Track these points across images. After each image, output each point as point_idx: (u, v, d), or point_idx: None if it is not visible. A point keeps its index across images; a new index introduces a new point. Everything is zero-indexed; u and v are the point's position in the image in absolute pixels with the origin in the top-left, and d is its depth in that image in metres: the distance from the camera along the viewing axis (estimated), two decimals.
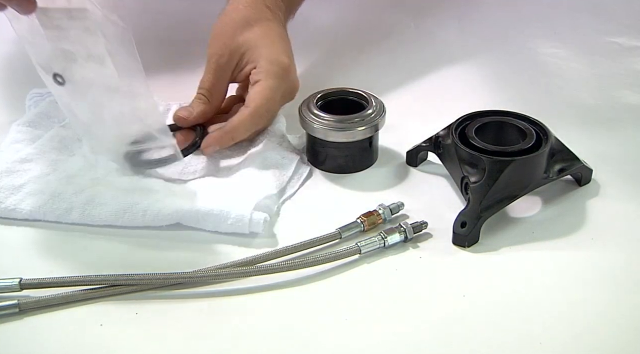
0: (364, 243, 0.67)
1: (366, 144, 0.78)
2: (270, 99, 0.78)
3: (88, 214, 0.70)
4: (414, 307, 0.62)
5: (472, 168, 0.71)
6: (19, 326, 0.61)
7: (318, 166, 0.79)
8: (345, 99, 0.81)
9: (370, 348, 0.59)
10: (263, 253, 0.66)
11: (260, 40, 0.80)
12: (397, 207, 0.71)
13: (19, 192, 0.73)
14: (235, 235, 0.69)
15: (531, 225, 0.71)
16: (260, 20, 0.82)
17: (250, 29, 0.81)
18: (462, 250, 0.68)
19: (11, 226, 0.71)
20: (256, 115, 0.77)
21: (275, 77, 0.78)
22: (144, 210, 0.70)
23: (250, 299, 0.63)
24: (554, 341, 0.59)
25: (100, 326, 0.61)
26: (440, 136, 0.77)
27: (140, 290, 0.64)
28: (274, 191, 0.73)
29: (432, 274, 0.66)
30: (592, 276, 0.65)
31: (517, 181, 0.70)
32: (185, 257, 0.67)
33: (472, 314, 0.61)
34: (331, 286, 0.64)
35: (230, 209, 0.69)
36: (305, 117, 0.77)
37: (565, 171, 0.73)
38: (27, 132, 0.81)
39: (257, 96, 0.77)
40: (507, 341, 0.59)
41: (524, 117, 0.75)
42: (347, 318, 0.61)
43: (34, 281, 0.63)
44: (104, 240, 0.70)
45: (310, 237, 0.68)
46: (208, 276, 0.64)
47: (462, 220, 0.68)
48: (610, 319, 0.61)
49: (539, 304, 0.62)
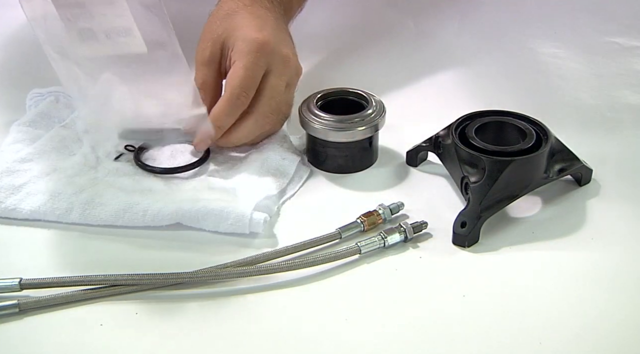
0: (364, 243, 0.67)
1: (366, 144, 0.78)
2: (245, 77, 0.74)
3: (88, 214, 0.70)
4: (414, 307, 0.62)
5: (472, 168, 0.71)
6: (19, 326, 0.61)
7: (318, 166, 0.79)
8: (345, 99, 0.81)
9: (370, 348, 0.59)
10: (263, 253, 0.66)
11: (237, 25, 0.77)
12: (397, 207, 0.71)
13: (19, 192, 0.73)
14: (235, 235, 0.69)
15: (531, 225, 0.71)
16: (241, 9, 0.79)
17: (230, 18, 0.78)
18: (462, 250, 0.68)
19: (11, 226, 0.71)
20: (233, 97, 0.74)
21: (248, 54, 0.74)
22: (144, 210, 0.70)
23: (250, 299, 0.63)
24: (554, 341, 0.59)
25: (100, 326, 0.61)
26: (440, 136, 0.77)
27: (140, 290, 0.64)
28: (275, 191, 0.73)
29: (432, 274, 0.66)
30: (592, 276, 0.65)
31: (517, 181, 0.70)
32: (185, 258, 0.67)
33: (472, 314, 0.61)
34: (331, 286, 0.64)
35: (231, 209, 0.69)
36: (305, 117, 0.77)
37: (565, 171, 0.73)
38: (27, 132, 0.81)
39: (230, 78, 0.75)
40: (507, 341, 0.59)
41: (524, 117, 0.75)
42: (347, 318, 0.61)
43: (34, 281, 0.63)
44: (104, 240, 0.70)
45: (310, 237, 0.68)
46: (208, 276, 0.64)
47: (462, 220, 0.68)
48: (610, 319, 0.61)
49: (539, 304, 0.62)
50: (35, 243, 0.69)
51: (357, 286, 0.65)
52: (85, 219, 0.70)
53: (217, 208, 0.69)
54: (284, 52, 0.76)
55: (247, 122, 0.76)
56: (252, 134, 0.77)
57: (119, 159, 0.78)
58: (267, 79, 0.75)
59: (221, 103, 0.75)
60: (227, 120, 0.75)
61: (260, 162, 0.77)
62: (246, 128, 0.76)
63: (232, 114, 0.75)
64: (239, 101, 0.74)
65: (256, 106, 0.76)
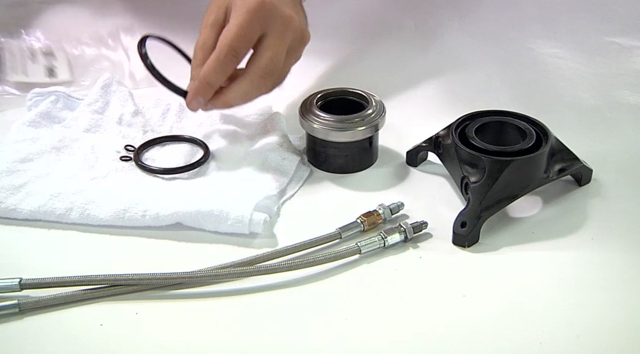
0: (364, 243, 0.67)
1: (366, 144, 0.78)
2: (236, 35, 0.72)
3: (88, 214, 0.70)
4: (414, 307, 0.62)
5: (472, 168, 0.71)
6: (19, 326, 0.61)
7: (318, 166, 0.79)
8: (345, 99, 0.81)
9: (370, 348, 0.59)
10: (263, 253, 0.66)
11: None
12: (397, 207, 0.71)
13: (19, 192, 0.73)
14: (235, 235, 0.69)
15: (531, 225, 0.71)
16: None
17: None
18: (462, 250, 0.68)
19: (11, 226, 0.71)
20: (221, 54, 0.72)
21: (245, 13, 0.72)
22: (144, 210, 0.70)
23: (250, 299, 0.63)
24: (554, 341, 0.59)
25: (100, 326, 0.61)
26: (440, 136, 0.77)
27: (140, 290, 0.64)
28: (275, 191, 0.73)
29: (432, 274, 0.66)
30: (592, 276, 0.65)
31: (517, 181, 0.70)
32: (185, 258, 0.67)
33: (472, 314, 0.61)
34: (331, 286, 0.64)
35: (230, 210, 0.69)
36: (305, 118, 0.77)
37: (565, 171, 0.73)
38: (27, 132, 0.81)
39: (222, 36, 0.73)
40: (507, 341, 0.59)
41: (524, 117, 0.75)
42: (347, 318, 0.61)
43: (34, 281, 0.63)
44: (104, 240, 0.70)
45: (310, 237, 0.68)
46: (208, 276, 0.64)
47: (462, 220, 0.68)
48: (610, 319, 0.61)
49: (539, 304, 0.62)
50: (35, 243, 0.69)
51: (357, 286, 0.65)
52: (85, 219, 0.70)
53: (217, 208, 0.69)
54: (285, 13, 0.74)
55: (242, 82, 0.75)
56: (246, 95, 0.76)
57: (119, 159, 0.78)
58: (264, 39, 0.74)
59: (209, 60, 0.73)
60: (215, 77, 0.74)
61: (260, 162, 0.77)
62: (241, 88, 0.75)
63: (220, 72, 0.74)
64: (226, 58, 0.73)
65: (251, 66, 0.74)
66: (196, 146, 0.81)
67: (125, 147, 0.80)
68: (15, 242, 0.70)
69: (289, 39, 0.75)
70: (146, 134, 0.83)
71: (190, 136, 0.82)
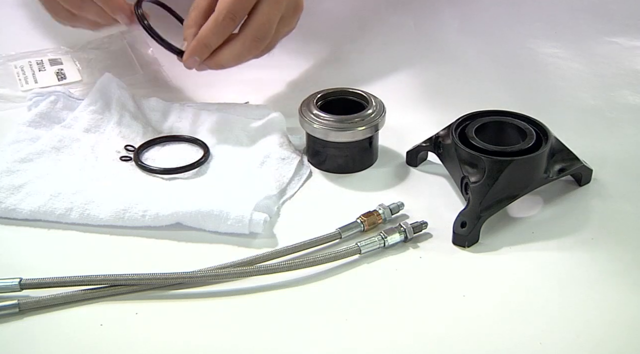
0: (364, 243, 0.67)
1: (366, 144, 0.78)
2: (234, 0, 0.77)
3: (88, 214, 0.70)
4: (414, 307, 0.62)
5: (472, 168, 0.71)
6: (19, 326, 0.61)
7: (318, 166, 0.79)
8: (345, 99, 0.81)
9: (370, 348, 0.59)
10: (263, 253, 0.66)
11: None
12: (397, 207, 0.71)
13: (19, 192, 0.73)
14: (235, 235, 0.69)
15: (531, 225, 0.71)
16: None
17: None
18: (462, 250, 0.68)
19: (11, 226, 0.71)
20: (220, 17, 0.76)
21: None
22: (144, 210, 0.70)
23: (250, 299, 0.63)
24: (554, 341, 0.59)
25: (100, 326, 0.61)
26: (440, 136, 0.77)
27: (140, 290, 0.64)
28: (274, 191, 0.73)
29: (432, 274, 0.66)
30: (592, 276, 0.65)
31: (517, 181, 0.70)
32: (185, 257, 0.67)
33: (472, 314, 0.61)
34: (331, 286, 0.64)
35: (230, 210, 0.69)
36: (305, 117, 0.77)
37: (565, 171, 0.73)
38: (27, 132, 0.81)
39: (220, 0, 0.77)
40: (507, 341, 0.59)
41: (524, 117, 0.75)
42: (347, 318, 0.61)
43: (34, 281, 0.63)
44: (104, 240, 0.70)
45: (310, 237, 0.68)
46: (208, 276, 0.64)
47: (462, 220, 0.68)
48: (611, 319, 0.61)
49: (539, 304, 0.62)
50: (35, 243, 0.69)
51: (357, 286, 0.65)
52: (85, 219, 0.70)
53: (217, 208, 0.69)
54: None
55: (235, 44, 0.79)
56: (238, 56, 0.80)
57: (119, 159, 0.78)
58: (259, 5, 0.78)
59: (208, 22, 0.78)
60: (213, 39, 0.78)
61: (260, 162, 0.77)
62: (234, 50, 0.79)
63: (218, 34, 0.78)
64: (224, 21, 0.77)
65: (245, 29, 0.78)
66: (196, 146, 0.81)
67: (125, 147, 0.80)
68: (15, 242, 0.70)
69: (282, 7, 0.79)
70: (146, 134, 0.83)
71: (190, 136, 0.82)
